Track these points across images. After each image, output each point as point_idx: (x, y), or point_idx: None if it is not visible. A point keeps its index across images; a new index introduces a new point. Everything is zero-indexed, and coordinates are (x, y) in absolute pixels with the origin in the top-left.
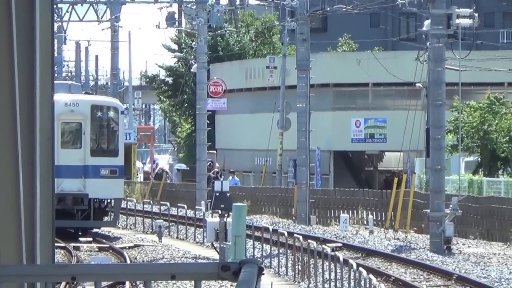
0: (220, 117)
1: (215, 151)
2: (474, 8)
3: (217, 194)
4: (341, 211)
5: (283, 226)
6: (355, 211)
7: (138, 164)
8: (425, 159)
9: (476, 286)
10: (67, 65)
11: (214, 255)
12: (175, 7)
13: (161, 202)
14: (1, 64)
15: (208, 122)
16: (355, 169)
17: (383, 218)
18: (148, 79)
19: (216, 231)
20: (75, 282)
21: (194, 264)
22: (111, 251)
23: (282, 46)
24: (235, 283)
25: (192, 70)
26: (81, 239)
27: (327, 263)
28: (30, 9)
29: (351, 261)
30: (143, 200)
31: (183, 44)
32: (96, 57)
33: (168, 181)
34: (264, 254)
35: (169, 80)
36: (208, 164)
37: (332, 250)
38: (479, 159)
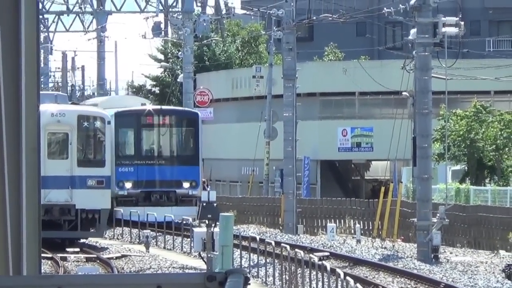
0: (207, 126)
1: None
2: (460, 16)
3: (204, 204)
4: (328, 221)
5: (270, 235)
6: (342, 220)
7: None
8: (412, 168)
9: None
10: (54, 76)
11: (201, 265)
12: (161, 17)
13: (148, 213)
14: None
15: None
16: (342, 178)
17: (370, 227)
18: (134, 89)
19: (203, 241)
20: None
21: (180, 274)
22: (98, 261)
23: (268, 55)
24: None
25: (178, 80)
26: (68, 249)
27: (314, 273)
28: (16, 19)
29: (338, 270)
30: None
31: (169, 54)
32: (83, 67)
33: None
34: (252, 263)
35: (156, 90)
36: None
37: (320, 260)
38: (466, 167)
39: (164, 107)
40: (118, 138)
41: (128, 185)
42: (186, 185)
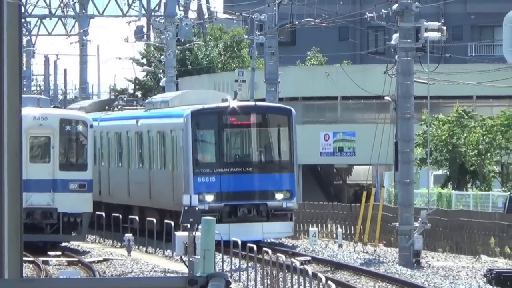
0: None
1: None
2: (443, 21)
3: (186, 208)
4: (310, 225)
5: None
6: (324, 225)
7: None
8: (394, 173)
9: None
10: (36, 79)
11: (183, 268)
12: (143, 21)
13: (130, 216)
14: None
15: None
16: (324, 183)
17: (352, 232)
18: (117, 93)
19: (185, 245)
20: None
21: (162, 278)
22: (80, 265)
23: (250, 59)
24: None
25: (161, 83)
26: (50, 253)
27: (296, 277)
28: None
29: (320, 274)
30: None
31: (152, 58)
32: (65, 71)
33: None
34: (234, 268)
35: (138, 93)
36: None
37: (301, 264)
38: (448, 172)
39: (250, 103)
40: (196, 142)
41: (209, 197)
42: (279, 196)
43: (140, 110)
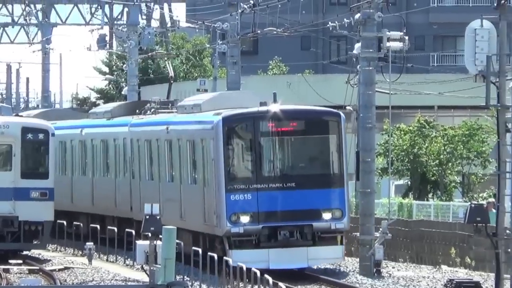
0: None
1: None
2: (405, 31)
3: (147, 217)
4: None
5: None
6: None
7: None
8: (355, 182)
9: None
10: None
11: (144, 277)
12: (106, 30)
13: (91, 225)
14: None
15: None
16: None
17: None
18: (79, 102)
19: (146, 254)
20: None
21: (122, 287)
22: (41, 273)
23: (212, 68)
24: None
25: (123, 92)
26: (11, 261)
27: (256, 286)
28: None
29: (280, 284)
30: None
31: (114, 67)
32: (27, 79)
33: None
34: (195, 277)
35: (100, 102)
36: None
37: (261, 273)
38: (409, 182)
39: (292, 106)
40: (228, 153)
41: (245, 219)
42: (327, 215)
43: (174, 114)
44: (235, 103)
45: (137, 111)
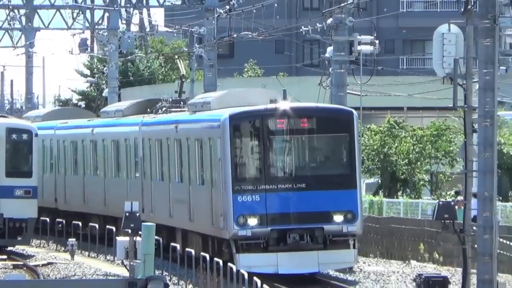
0: None
1: None
2: (375, 35)
3: (127, 214)
4: None
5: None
6: None
7: None
8: None
9: None
10: None
11: (124, 272)
12: (87, 34)
13: (74, 222)
14: None
15: None
16: None
17: None
18: (61, 103)
19: (126, 249)
20: None
21: (103, 281)
22: (25, 268)
23: (190, 71)
24: None
25: (104, 94)
26: None
27: (234, 282)
28: None
29: (256, 278)
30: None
31: (95, 69)
32: (11, 81)
33: None
34: (173, 272)
35: (82, 104)
36: None
37: (238, 269)
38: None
39: (303, 104)
40: (236, 152)
41: (253, 221)
42: (338, 218)
43: (185, 113)
44: (245, 100)
45: (149, 110)
